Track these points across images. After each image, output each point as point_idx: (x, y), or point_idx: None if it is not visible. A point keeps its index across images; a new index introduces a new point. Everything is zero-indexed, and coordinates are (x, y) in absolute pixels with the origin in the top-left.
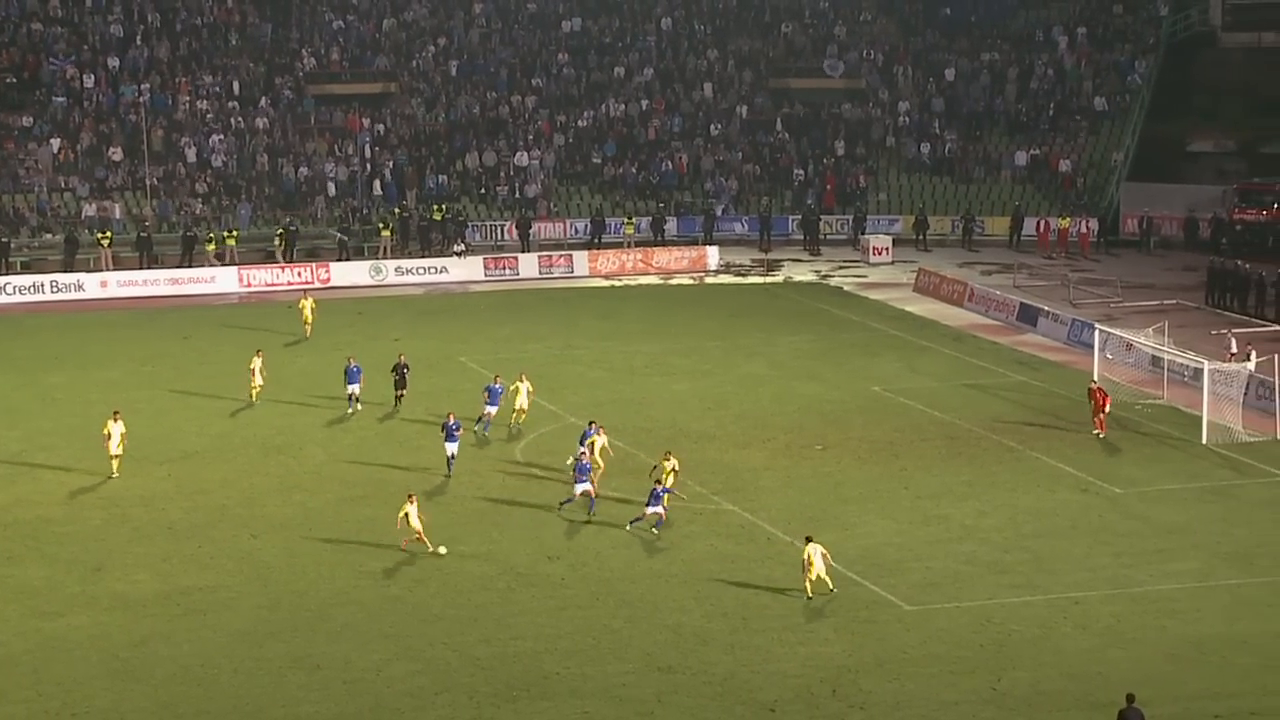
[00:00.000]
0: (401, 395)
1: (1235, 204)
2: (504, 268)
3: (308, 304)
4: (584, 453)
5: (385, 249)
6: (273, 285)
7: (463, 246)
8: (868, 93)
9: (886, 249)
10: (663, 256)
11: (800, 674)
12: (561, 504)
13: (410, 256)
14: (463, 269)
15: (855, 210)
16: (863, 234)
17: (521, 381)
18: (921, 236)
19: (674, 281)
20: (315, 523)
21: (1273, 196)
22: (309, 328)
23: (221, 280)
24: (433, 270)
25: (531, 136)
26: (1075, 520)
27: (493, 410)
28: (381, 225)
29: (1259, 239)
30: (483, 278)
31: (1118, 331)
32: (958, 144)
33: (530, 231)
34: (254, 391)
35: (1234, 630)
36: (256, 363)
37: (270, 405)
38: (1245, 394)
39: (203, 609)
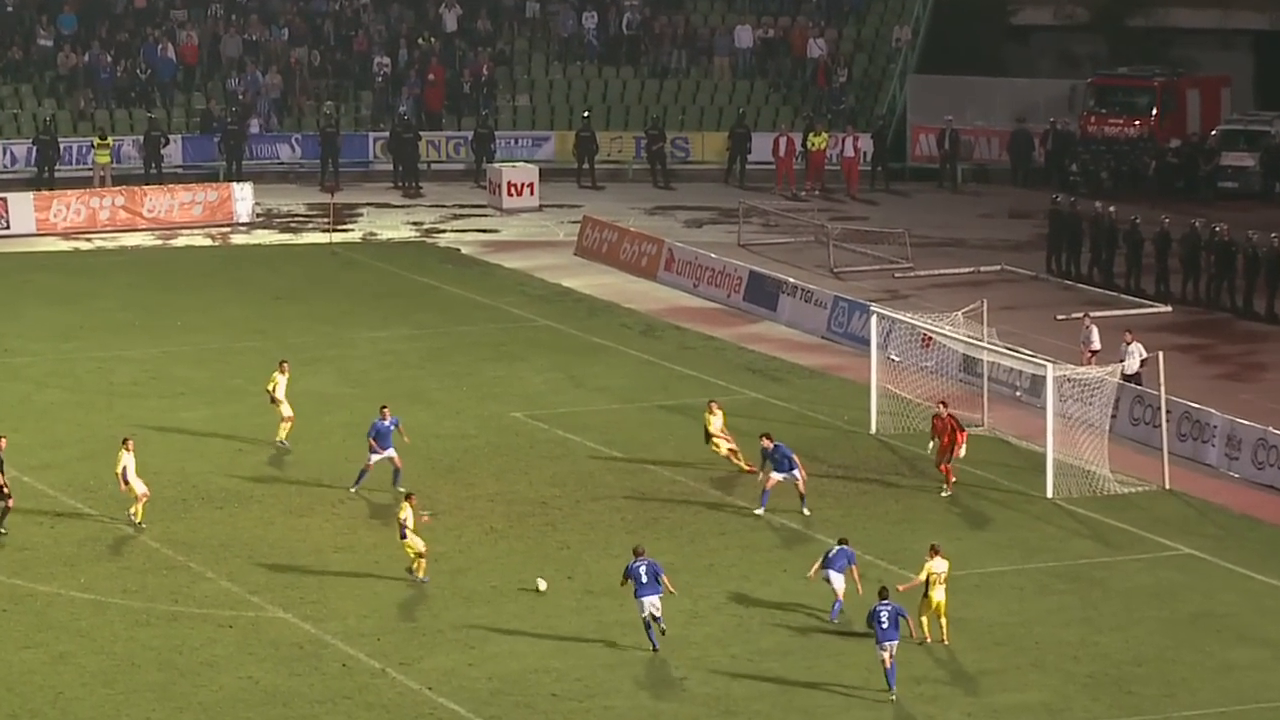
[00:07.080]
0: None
1: (1090, 109)
2: None
3: None
4: None
5: None
6: None
7: None
8: None
9: (530, 186)
10: (160, 200)
11: None
12: None
13: None
14: None
15: (478, 123)
16: (490, 161)
17: None
18: (587, 165)
19: (180, 242)
20: None
21: (1149, 97)
22: None
23: None
24: None
25: None
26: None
27: None
28: None
29: (1127, 164)
30: None
31: (907, 318)
32: (643, 14)
33: None
34: None
35: None
36: None
37: None
38: (1114, 417)
39: None
